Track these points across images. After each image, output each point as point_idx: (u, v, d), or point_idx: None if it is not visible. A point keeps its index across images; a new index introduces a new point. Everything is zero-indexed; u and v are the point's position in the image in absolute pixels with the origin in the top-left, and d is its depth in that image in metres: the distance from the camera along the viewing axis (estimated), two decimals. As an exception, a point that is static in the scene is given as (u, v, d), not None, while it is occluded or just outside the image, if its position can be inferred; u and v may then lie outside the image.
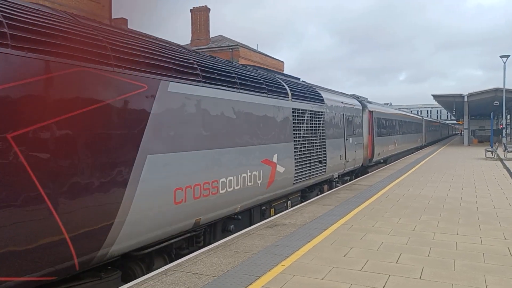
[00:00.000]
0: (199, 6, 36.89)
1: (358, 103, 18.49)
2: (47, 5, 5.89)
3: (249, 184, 8.39)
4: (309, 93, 12.27)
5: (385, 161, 24.01)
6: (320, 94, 13.28)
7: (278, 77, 11.35)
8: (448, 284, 5.17)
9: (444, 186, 13.75)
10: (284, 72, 22.94)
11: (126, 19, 28.64)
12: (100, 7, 23.02)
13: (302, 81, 14.50)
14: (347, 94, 18.87)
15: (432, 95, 47.01)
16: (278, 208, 10.42)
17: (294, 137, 10.57)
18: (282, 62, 43.21)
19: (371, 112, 20.15)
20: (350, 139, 15.70)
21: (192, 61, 6.99)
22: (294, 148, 10.57)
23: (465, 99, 43.61)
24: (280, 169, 9.66)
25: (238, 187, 7.95)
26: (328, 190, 13.62)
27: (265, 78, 9.85)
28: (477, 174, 17.36)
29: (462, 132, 56.95)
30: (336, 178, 14.56)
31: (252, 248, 6.74)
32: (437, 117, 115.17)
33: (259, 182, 8.76)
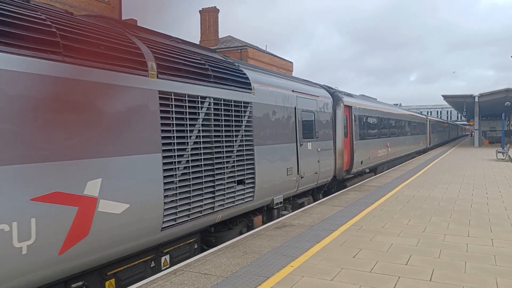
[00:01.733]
0: (208, 7, 37.05)
1: (327, 94, 13.55)
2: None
3: None
4: (216, 69, 7.42)
5: (374, 170, 19.16)
6: (243, 74, 8.44)
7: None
8: (459, 286, 5.13)
9: (455, 187, 13.63)
10: (293, 75, 21.96)
11: (136, 20, 28.79)
12: (110, 8, 23.20)
13: (224, 56, 9.20)
14: (311, 82, 13.68)
15: (442, 96, 46.63)
16: None
17: (164, 144, 5.98)
18: (291, 62, 43.18)
19: (348, 107, 14.98)
20: (309, 144, 11.22)
21: None
22: (166, 163, 6.02)
23: (476, 99, 43.18)
24: (111, 207, 5.06)
25: None
26: (264, 222, 9.24)
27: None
28: (488, 175, 17.18)
29: (473, 133, 56.36)
30: (280, 203, 9.77)
31: (260, 248, 6.75)
32: (447, 118, 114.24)
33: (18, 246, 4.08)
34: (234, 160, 7.66)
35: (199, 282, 5.30)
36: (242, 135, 7.99)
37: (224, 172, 7.34)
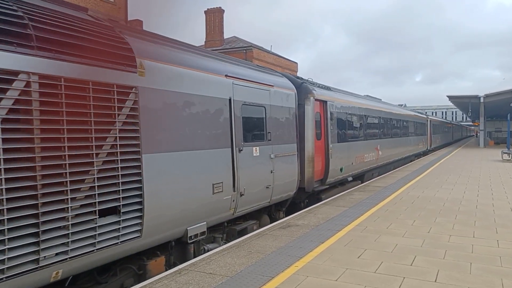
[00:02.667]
0: (213, 8, 37.09)
1: (289, 84, 10.59)
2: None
3: None
4: (45, 26, 4.55)
5: (360, 178, 16.27)
6: (121, 41, 5.55)
7: None
8: (464, 287, 5.11)
9: (460, 188, 13.58)
10: (298, 75, 20.12)
11: (142, 21, 28.92)
12: (117, 9, 23.29)
13: (94, 15, 6.08)
14: (268, 69, 10.89)
15: (447, 96, 46.46)
16: None
17: None
18: (296, 63, 43.16)
19: (322, 102, 12.24)
20: (255, 149, 8.48)
21: None
22: None
23: (481, 100, 43.00)
24: None
25: None
26: (171, 265, 6.55)
27: None
28: (493, 176, 17.10)
29: (478, 134, 56.04)
30: (202, 234, 6.95)
31: (265, 248, 6.76)
32: (452, 119, 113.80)
33: None
34: (94, 179, 4.87)
35: (204, 282, 5.32)
36: (116, 137, 5.16)
37: (67, 199, 4.54)
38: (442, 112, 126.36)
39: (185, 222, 6.50)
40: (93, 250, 4.88)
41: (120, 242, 5.24)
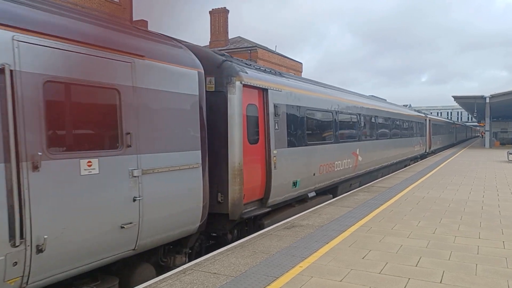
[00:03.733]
0: (218, 8, 37.13)
1: (188, 58, 6.83)
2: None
3: None
4: None
5: (333, 191, 12.83)
6: None
7: None
8: (470, 288, 5.09)
9: (465, 189, 13.51)
10: (302, 75, 18.28)
11: (147, 21, 29.01)
12: (121, 9, 23.37)
13: None
14: (133, 28, 6.54)
15: (453, 97, 46.30)
16: None
17: None
18: (301, 63, 43.15)
19: (260, 90, 8.84)
20: (93, 162, 4.98)
21: None
22: None
23: (487, 100, 42.79)
24: None
25: None
26: None
27: None
28: (499, 177, 17.00)
29: (483, 135, 55.70)
30: None
31: (269, 248, 6.75)
32: (458, 119, 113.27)
33: None
34: None
35: (208, 282, 5.32)
36: None
37: None
38: (448, 113, 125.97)
39: None
40: None
41: None
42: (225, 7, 37.10)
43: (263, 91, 8.90)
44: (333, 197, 12.33)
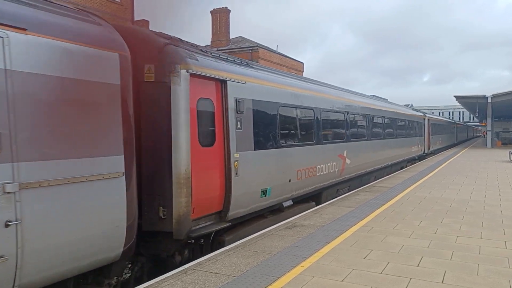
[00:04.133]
0: (219, 8, 37.13)
1: (107, 34, 5.37)
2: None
3: None
4: None
5: (316, 198, 11.53)
6: None
7: None
8: (471, 288, 5.08)
9: (467, 188, 13.48)
10: (303, 75, 17.65)
11: (148, 21, 29.02)
12: (123, 9, 23.38)
13: None
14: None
15: (454, 96, 46.16)
16: None
17: None
18: (302, 63, 43.12)
19: (217, 82, 7.43)
20: None
21: None
22: None
23: (489, 100, 42.71)
24: None
25: None
26: None
27: None
28: (501, 177, 16.97)
29: (485, 134, 55.55)
30: None
31: (271, 248, 6.74)
32: (459, 119, 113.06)
33: None
34: None
35: (209, 281, 5.32)
36: None
37: None
38: (449, 112, 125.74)
39: None
40: None
41: None
42: (226, 7, 37.10)
43: (221, 83, 7.43)
44: (317, 205, 10.98)
